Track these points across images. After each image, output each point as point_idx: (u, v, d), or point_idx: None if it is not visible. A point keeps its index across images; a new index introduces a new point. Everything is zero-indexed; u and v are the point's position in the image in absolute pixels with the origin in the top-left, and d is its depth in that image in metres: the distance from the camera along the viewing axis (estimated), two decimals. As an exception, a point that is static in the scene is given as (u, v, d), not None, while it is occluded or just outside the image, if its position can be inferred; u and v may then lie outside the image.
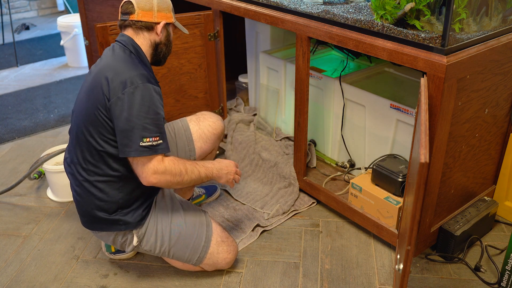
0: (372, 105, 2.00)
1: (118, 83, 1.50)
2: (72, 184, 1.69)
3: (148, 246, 1.71)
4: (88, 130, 1.57)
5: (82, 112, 1.58)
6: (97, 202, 1.63)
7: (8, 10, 4.74)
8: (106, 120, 1.54)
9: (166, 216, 1.73)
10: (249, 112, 2.83)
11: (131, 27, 1.63)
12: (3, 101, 3.41)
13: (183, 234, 1.72)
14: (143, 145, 1.49)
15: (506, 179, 2.02)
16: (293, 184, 2.22)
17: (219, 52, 2.47)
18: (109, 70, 1.54)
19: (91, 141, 1.57)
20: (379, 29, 1.67)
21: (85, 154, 1.60)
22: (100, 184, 1.62)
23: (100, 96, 1.53)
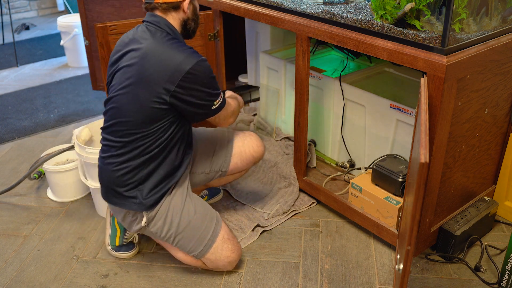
0: (372, 105, 2.00)
1: (175, 70, 1.55)
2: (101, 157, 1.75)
3: (155, 228, 1.73)
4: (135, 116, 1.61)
5: (132, 100, 1.60)
6: (120, 178, 1.68)
7: (8, 10, 4.74)
8: (163, 107, 1.59)
9: (179, 203, 1.74)
10: (249, 112, 2.83)
11: (157, 9, 1.65)
12: (3, 101, 3.41)
13: (191, 224, 1.73)
14: (214, 108, 1.67)
15: (506, 179, 2.02)
16: (293, 184, 2.22)
17: (219, 52, 2.47)
18: (159, 58, 1.56)
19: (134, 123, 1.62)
20: (379, 29, 1.67)
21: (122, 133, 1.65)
22: (126, 163, 1.66)
23: (157, 88, 1.56)
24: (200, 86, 1.59)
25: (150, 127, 1.62)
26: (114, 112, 1.65)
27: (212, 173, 1.95)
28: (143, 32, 1.64)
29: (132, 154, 1.65)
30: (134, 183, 1.68)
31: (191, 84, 1.57)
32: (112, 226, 1.92)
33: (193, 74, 1.56)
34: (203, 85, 1.60)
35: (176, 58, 1.56)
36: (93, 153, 2.00)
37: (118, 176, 1.68)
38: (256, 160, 2.00)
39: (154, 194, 1.70)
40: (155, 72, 1.56)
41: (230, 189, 2.29)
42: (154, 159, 1.67)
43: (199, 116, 1.68)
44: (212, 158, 1.94)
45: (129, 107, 1.61)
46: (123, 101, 1.62)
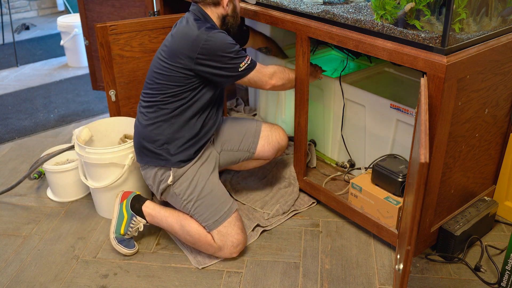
0: (372, 105, 2.00)
1: (194, 41, 1.73)
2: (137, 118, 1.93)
3: (179, 189, 1.85)
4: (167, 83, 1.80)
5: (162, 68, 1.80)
6: (150, 134, 1.84)
7: (8, 10, 4.74)
8: (189, 74, 1.77)
9: (206, 172, 1.88)
10: (249, 112, 2.83)
11: (198, 2, 1.84)
12: (3, 101, 3.41)
13: (213, 193, 1.85)
14: (243, 69, 1.81)
15: (506, 179, 2.02)
16: (293, 184, 2.22)
17: (219, 52, 2.47)
18: (183, 33, 1.77)
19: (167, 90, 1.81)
20: (379, 29, 1.67)
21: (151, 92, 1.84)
22: (156, 119, 1.83)
23: (182, 54, 1.75)
24: (220, 51, 1.74)
25: (175, 89, 1.79)
26: (149, 73, 1.87)
27: (240, 152, 2.04)
28: (182, 19, 1.86)
29: (158, 113, 1.83)
30: (161, 140, 1.83)
31: (212, 50, 1.73)
32: (119, 213, 1.94)
33: (211, 41, 1.73)
34: (223, 50, 1.74)
35: (196, 31, 1.74)
36: (93, 153, 2.00)
37: (147, 131, 1.85)
38: (281, 147, 2.10)
39: (180, 153, 1.84)
40: (179, 45, 1.76)
41: (230, 189, 2.29)
42: (177, 119, 1.82)
43: (228, 78, 1.82)
44: (242, 138, 2.04)
45: (158, 73, 1.81)
46: (156, 66, 1.83)
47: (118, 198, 1.98)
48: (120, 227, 1.92)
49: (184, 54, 1.76)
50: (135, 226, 1.93)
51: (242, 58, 1.81)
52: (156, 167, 1.87)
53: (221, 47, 1.75)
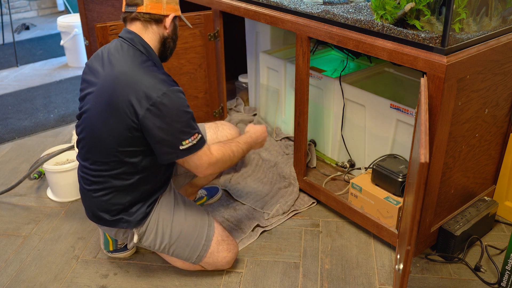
0: (372, 105, 2.00)
1: (143, 96, 1.45)
2: (80, 183, 1.70)
3: (148, 242, 1.72)
4: (112, 144, 1.54)
5: (105, 127, 1.52)
6: (103, 204, 1.65)
7: (8, 10, 4.74)
8: (135, 134, 1.51)
9: (168, 214, 1.72)
10: (249, 112, 2.83)
11: (139, 20, 1.56)
12: (3, 101, 3.41)
13: (183, 233, 1.72)
14: (184, 148, 1.50)
15: (506, 179, 2.02)
16: (293, 184, 2.22)
17: (219, 52, 2.47)
18: (129, 82, 1.47)
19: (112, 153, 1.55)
20: (379, 29, 1.67)
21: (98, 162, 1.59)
22: (106, 190, 1.62)
23: (127, 113, 1.47)
24: (169, 116, 1.45)
25: (126, 155, 1.55)
26: (88, 138, 1.58)
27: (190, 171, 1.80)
28: (116, 50, 1.55)
29: (112, 183, 1.60)
30: (118, 209, 1.64)
31: (158, 114, 1.45)
32: (104, 236, 1.90)
33: (161, 104, 1.44)
34: (171, 117, 1.45)
35: (145, 83, 1.46)
36: (93, 153, 2.00)
37: (101, 202, 1.64)
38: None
39: (139, 210, 1.66)
40: (125, 97, 1.46)
41: (230, 189, 2.29)
42: (136, 185, 1.62)
43: (165, 155, 1.52)
44: None
45: (103, 135, 1.53)
46: (97, 127, 1.54)
47: None
48: (108, 246, 1.91)
49: (129, 110, 1.47)
50: (123, 243, 1.91)
51: (189, 134, 1.49)
52: (115, 228, 1.71)
53: (171, 113, 1.45)
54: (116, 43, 1.58)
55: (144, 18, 1.56)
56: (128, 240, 1.74)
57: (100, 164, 1.59)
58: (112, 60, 1.53)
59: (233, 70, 3.09)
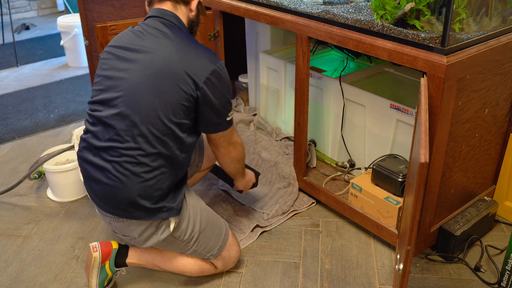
0: (372, 105, 2.00)
1: (201, 67, 1.49)
2: (110, 171, 1.50)
3: (179, 231, 1.62)
4: (166, 115, 1.48)
5: (158, 97, 1.47)
6: (147, 190, 1.50)
7: (8, 10, 4.74)
8: (189, 105, 1.50)
9: (196, 202, 1.70)
10: (249, 112, 2.83)
11: (169, 1, 1.59)
12: (3, 101, 3.41)
13: (210, 222, 1.71)
14: (228, 119, 1.60)
15: (506, 179, 2.02)
16: (293, 184, 2.22)
17: (219, 52, 2.47)
18: (187, 53, 1.50)
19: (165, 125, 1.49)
20: (379, 29, 1.67)
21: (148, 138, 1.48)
22: (154, 171, 1.50)
23: (186, 82, 1.47)
24: (222, 88, 1.54)
25: (177, 127, 1.50)
26: (131, 110, 1.47)
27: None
28: (157, 28, 1.54)
29: (159, 162, 1.51)
30: (159, 195, 1.53)
31: (216, 83, 1.52)
32: (101, 272, 1.70)
33: (218, 73, 1.52)
34: (225, 87, 1.56)
35: (203, 56, 1.52)
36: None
37: (145, 188, 1.50)
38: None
39: (178, 197, 1.59)
40: (184, 67, 1.48)
41: (230, 189, 2.29)
42: (178, 166, 1.57)
43: (213, 125, 1.58)
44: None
45: (155, 106, 1.47)
46: (145, 98, 1.47)
47: (98, 261, 1.67)
48: (103, 283, 1.72)
49: (188, 79, 1.48)
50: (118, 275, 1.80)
51: (231, 107, 1.61)
52: (148, 221, 1.57)
53: (225, 83, 1.55)
54: (154, 21, 1.57)
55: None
56: (158, 233, 1.59)
57: (148, 141, 1.48)
58: (157, 35, 1.53)
59: (233, 70, 3.09)
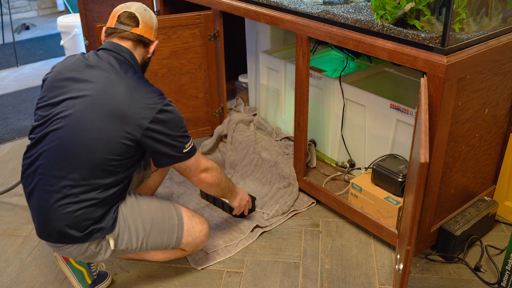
0: (372, 105, 2.00)
1: (148, 107, 1.50)
2: (41, 199, 1.51)
3: (124, 244, 1.61)
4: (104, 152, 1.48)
5: (98, 135, 1.47)
6: (74, 220, 1.49)
7: (8, 10, 4.74)
8: (132, 144, 1.50)
9: (133, 209, 1.63)
10: (249, 112, 2.82)
11: (130, 40, 1.62)
12: (3, 101, 3.41)
13: (155, 220, 1.66)
14: (186, 151, 1.59)
15: (506, 179, 2.02)
16: (293, 184, 2.22)
17: (219, 52, 2.47)
18: (133, 93, 1.50)
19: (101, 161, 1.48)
20: (379, 29, 1.67)
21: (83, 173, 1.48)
22: (83, 203, 1.49)
23: (129, 123, 1.47)
24: (172, 124, 1.53)
25: (112, 163, 1.50)
26: (67, 147, 1.47)
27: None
28: (110, 63, 1.55)
29: (90, 195, 1.50)
30: (89, 224, 1.52)
31: (164, 121, 1.51)
32: (73, 270, 1.73)
33: (166, 111, 1.51)
34: (176, 124, 1.54)
35: (150, 96, 1.51)
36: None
37: (72, 218, 1.49)
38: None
39: (107, 216, 1.56)
40: (128, 107, 1.47)
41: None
42: (115, 195, 1.56)
43: (170, 158, 1.57)
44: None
45: (92, 143, 1.47)
46: (83, 135, 1.47)
47: (59, 258, 1.72)
48: (85, 280, 1.74)
49: (131, 120, 1.47)
50: (97, 268, 1.79)
51: (188, 138, 1.60)
52: (85, 244, 1.56)
53: (176, 120, 1.54)
54: (108, 56, 1.57)
55: (136, 39, 1.62)
56: (102, 252, 1.60)
57: (81, 175, 1.48)
58: (107, 70, 1.53)
59: (233, 70, 3.09)
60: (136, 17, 1.61)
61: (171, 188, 2.33)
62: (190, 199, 2.26)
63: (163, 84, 2.41)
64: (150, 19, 1.65)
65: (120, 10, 1.63)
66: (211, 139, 2.64)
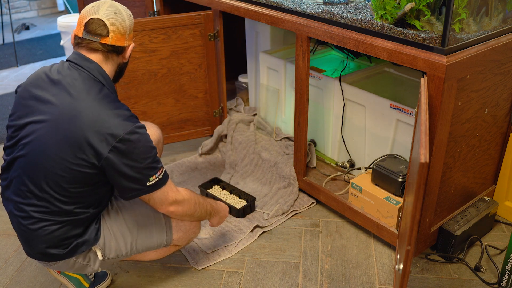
0: (372, 105, 2.00)
1: (108, 134, 1.36)
2: (19, 224, 1.48)
3: (113, 252, 1.57)
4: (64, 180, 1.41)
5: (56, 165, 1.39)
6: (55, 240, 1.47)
7: (8, 10, 4.74)
8: (92, 172, 1.40)
9: (116, 216, 1.59)
10: (249, 112, 2.82)
11: (100, 51, 1.45)
12: (3, 101, 3.41)
13: (140, 222, 1.61)
14: (151, 184, 1.43)
15: (506, 179, 2.02)
16: (293, 184, 2.22)
17: (219, 52, 2.47)
18: (93, 119, 1.36)
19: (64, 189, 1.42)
20: (379, 29, 1.67)
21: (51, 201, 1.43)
22: (57, 224, 1.46)
23: (86, 152, 1.37)
24: (136, 154, 1.38)
25: (77, 190, 1.42)
26: (30, 172, 1.41)
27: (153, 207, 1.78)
28: (74, 79, 1.42)
29: (66, 217, 1.45)
30: (73, 238, 1.49)
31: (126, 150, 1.37)
32: (69, 278, 1.72)
33: (129, 140, 1.36)
34: (140, 155, 1.39)
35: (110, 121, 1.36)
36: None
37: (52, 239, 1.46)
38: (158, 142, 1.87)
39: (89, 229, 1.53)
40: (86, 135, 1.35)
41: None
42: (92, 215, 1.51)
43: (131, 192, 1.44)
44: None
45: (51, 172, 1.39)
46: (42, 164, 1.39)
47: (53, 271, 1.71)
48: (82, 284, 1.73)
49: (89, 148, 1.36)
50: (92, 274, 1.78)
51: (155, 169, 1.43)
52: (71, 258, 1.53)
53: (139, 150, 1.39)
54: (72, 71, 1.45)
55: (106, 49, 1.45)
56: (91, 264, 1.58)
57: (50, 203, 1.43)
58: (69, 90, 1.41)
59: (233, 70, 3.09)
60: (105, 25, 1.42)
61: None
62: (190, 199, 2.25)
63: (163, 84, 2.41)
64: (121, 23, 1.45)
65: (87, 17, 1.43)
66: (211, 139, 2.64)
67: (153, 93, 2.41)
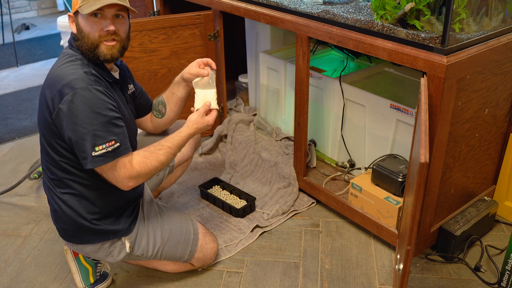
0: (372, 105, 2.00)
1: (56, 93, 1.36)
2: (48, 198, 1.59)
3: (141, 250, 1.64)
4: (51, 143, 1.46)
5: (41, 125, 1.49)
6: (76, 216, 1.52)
7: (8, 10, 4.74)
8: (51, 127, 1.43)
9: (154, 217, 1.69)
10: (249, 112, 2.82)
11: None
12: (3, 101, 3.41)
13: (173, 231, 1.70)
14: (97, 155, 1.36)
15: (506, 179, 2.02)
16: (293, 184, 2.22)
17: (219, 52, 2.47)
18: (49, 77, 1.42)
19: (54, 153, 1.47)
20: (379, 29, 1.67)
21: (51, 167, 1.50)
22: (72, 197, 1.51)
23: (45, 110, 1.42)
24: (76, 119, 1.34)
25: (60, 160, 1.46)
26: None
27: (161, 172, 1.89)
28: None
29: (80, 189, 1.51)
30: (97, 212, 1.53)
31: (67, 113, 1.34)
32: (80, 266, 1.75)
33: (71, 102, 1.33)
34: (81, 118, 1.34)
35: (61, 81, 1.36)
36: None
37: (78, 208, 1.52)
38: (196, 139, 1.93)
39: (122, 219, 1.58)
40: (44, 96, 1.42)
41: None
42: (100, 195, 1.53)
43: (81, 159, 1.39)
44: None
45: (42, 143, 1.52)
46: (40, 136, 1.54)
47: (69, 252, 1.74)
48: (88, 278, 1.75)
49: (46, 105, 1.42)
50: (102, 268, 1.80)
51: (103, 140, 1.36)
52: (100, 243, 1.58)
53: (82, 113, 1.34)
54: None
55: (71, 18, 1.47)
56: (115, 253, 1.61)
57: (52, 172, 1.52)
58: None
59: (233, 70, 3.09)
60: None
61: (171, 188, 2.33)
62: (190, 199, 2.26)
63: (163, 84, 2.41)
64: None
65: None
66: (211, 139, 2.64)
67: (153, 93, 2.41)
